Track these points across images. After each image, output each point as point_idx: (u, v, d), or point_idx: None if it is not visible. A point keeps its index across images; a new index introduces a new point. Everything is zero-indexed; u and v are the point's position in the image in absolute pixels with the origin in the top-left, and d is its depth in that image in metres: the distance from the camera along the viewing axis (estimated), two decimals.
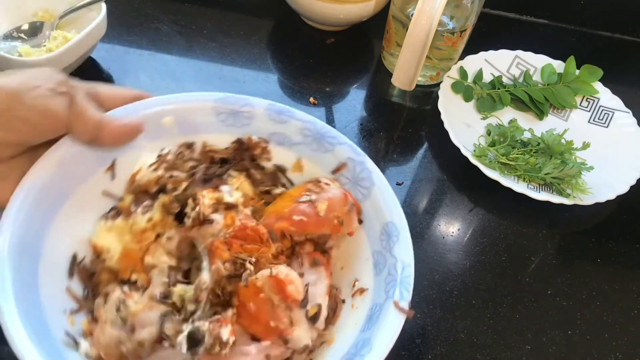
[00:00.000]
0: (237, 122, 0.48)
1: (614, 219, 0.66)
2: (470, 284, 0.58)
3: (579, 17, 0.88)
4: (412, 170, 0.67)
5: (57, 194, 0.42)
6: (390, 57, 0.76)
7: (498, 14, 0.89)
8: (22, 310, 0.36)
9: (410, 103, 0.75)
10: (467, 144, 0.66)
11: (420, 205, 0.64)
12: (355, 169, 0.47)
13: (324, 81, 0.74)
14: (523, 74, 0.76)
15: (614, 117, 0.72)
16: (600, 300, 0.59)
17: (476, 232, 0.63)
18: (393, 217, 0.45)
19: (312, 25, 0.80)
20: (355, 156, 0.47)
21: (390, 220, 0.45)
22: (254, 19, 0.80)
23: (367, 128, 0.70)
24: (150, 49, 0.74)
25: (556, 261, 0.61)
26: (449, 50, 0.72)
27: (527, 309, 0.57)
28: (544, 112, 0.74)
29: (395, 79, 0.66)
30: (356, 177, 0.47)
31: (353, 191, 0.47)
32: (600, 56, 0.80)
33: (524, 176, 0.65)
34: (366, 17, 0.76)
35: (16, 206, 0.39)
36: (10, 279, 0.37)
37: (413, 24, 0.60)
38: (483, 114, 0.72)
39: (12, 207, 0.39)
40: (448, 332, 0.54)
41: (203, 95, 0.48)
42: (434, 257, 0.60)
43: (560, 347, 0.55)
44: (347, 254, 0.47)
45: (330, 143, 0.48)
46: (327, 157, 0.48)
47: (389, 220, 0.45)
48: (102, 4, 0.66)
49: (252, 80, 0.73)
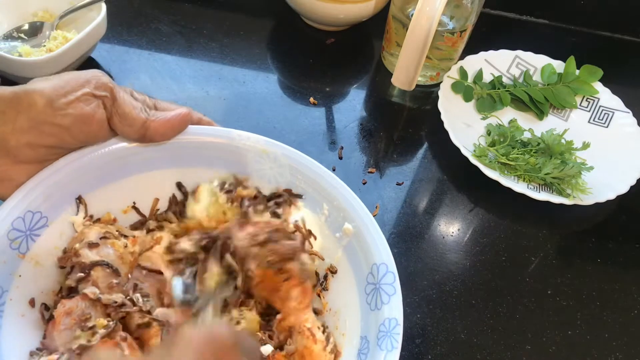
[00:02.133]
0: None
1: (614, 219, 0.66)
2: (470, 284, 0.58)
3: (579, 17, 0.88)
4: (412, 170, 0.67)
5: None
6: (390, 57, 0.76)
7: (498, 14, 0.89)
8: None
9: (410, 103, 0.75)
10: (467, 144, 0.66)
11: (420, 205, 0.64)
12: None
13: (324, 81, 0.74)
14: (523, 74, 0.76)
15: (614, 117, 0.72)
16: (600, 300, 0.59)
17: (476, 232, 0.63)
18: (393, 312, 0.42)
19: (312, 25, 0.80)
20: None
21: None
22: (254, 19, 0.80)
23: (367, 128, 0.70)
24: (150, 49, 0.74)
25: (556, 261, 0.61)
26: (449, 50, 0.72)
27: (527, 309, 0.57)
28: (544, 112, 0.74)
29: (395, 79, 0.66)
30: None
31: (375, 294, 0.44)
32: (600, 56, 0.80)
33: (524, 176, 0.65)
34: (366, 17, 0.76)
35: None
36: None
37: (413, 24, 0.60)
38: (483, 114, 0.72)
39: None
40: (448, 332, 0.54)
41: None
42: (434, 257, 0.60)
43: (560, 347, 0.55)
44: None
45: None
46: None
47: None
48: (102, 4, 0.66)
49: (252, 80, 0.73)
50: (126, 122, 0.43)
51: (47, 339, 0.40)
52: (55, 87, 0.40)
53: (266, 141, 0.47)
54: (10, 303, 0.40)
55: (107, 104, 0.42)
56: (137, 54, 0.73)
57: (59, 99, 0.39)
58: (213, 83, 0.71)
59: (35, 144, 0.40)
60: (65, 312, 0.40)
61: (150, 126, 0.43)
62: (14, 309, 0.40)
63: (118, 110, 0.42)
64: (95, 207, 0.46)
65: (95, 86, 0.41)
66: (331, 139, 0.68)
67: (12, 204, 0.40)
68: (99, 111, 0.41)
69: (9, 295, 0.40)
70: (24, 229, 0.41)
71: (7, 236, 0.40)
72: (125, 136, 0.44)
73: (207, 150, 0.48)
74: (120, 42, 0.74)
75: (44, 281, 0.43)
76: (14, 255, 0.41)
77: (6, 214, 0.40)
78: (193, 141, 0.47)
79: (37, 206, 0.42)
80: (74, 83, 0.41)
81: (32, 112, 0.39)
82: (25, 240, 0.41)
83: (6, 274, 0.40)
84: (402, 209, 0.63)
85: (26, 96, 0.39)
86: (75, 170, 0.43)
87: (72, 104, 0.40)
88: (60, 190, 0.43)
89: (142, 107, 0.44)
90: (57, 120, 0.39)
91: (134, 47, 0.73)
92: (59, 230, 0.44)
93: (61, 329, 0.40)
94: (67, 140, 0.41)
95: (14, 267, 0.41)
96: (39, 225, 0.42)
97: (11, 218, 0.40)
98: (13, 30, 0.67)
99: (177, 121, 0.45)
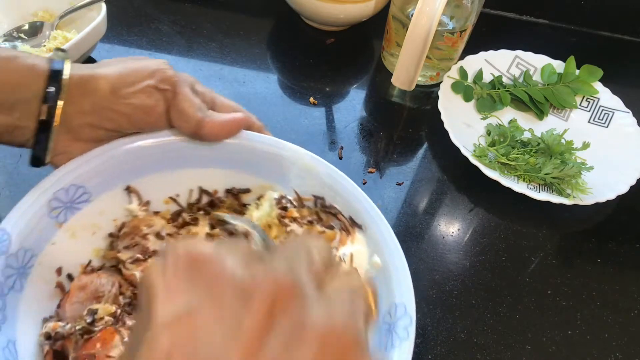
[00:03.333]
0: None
1: (614, 219, 0.66)
2: (470, 284, 0.58)
3: (579, 17, 0.88)
4: (412, 170, 0.67)
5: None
6: (390, 57, 0.76)
7: (498, 14, 0.89)
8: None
9: (410, 103, 0.75)
10: (467, 144, 0.66)
11: (420, 205, 0.64)
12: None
13: (324, 81, 0.74)
14: (523, 74, 0.76)
15: (614, 117, 0.72)
16: (600, 300, 0.59)
17: (476, 232, 0.63)
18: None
19: (312, 25, 0.80)
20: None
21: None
22: (254, 19, 0.80)
23: (367, 128, 0.70)
24: (150, 49, 0.74)
25: (556, 261, 0.61)
26: (449, 50, 0.72)
27: (527, 309, 0.57)
28: (544, 112, 0.74)
29: (395, 79, 0.66)
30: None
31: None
32: (600, 56, 0.80)
33: (524, 176, 0.65)
34: (366, 17, 0.76)
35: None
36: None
37: (413, 24, 0.60)
38: (483, 114, 0.72)
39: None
40: (448, 332, 0.54)
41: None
42: (434, 257, 0.60)
43: (560, 347, 0.55)
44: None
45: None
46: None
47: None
48: (102, 4, 0.66)
49: (252, 80, 0.73)
50: (182, 118, 0.44)
51: (61, 309, 0.42)
52: (121, 75, 0.42)
53: (312, 157, 0.47)
54: (37, 267, 0.41)
55: (168, 97, 0.43)
56: (137, 54, 0.73)
57: (123, 88, 0.41)
58: (213, 83, 0.71)
59: (95, 126, 0.42)
60: (80, 287, 0.42)
61: (205, 126, 0.44)
62: (39, 274, 0.42)
63: (176, 105, 0.43)
64: (142, 193, 0.47)
65: (160, 79, 0.43)
66: (331, 139, 0.68)
67: (59, 175, 0.42)
68: (159, 104, 0.43)
69: (38, 259, 0.41)
70: (66, 200, 0.43)
71: (48, 204, 0.41)
72: (180, 130, 0.45)
73: (254, 157, 0.48)
74: (120, 42, 0.74)
75: (75, 253, 0.44)
76: (52, 223, 0.42)
77: (51, 184, 0.42)
78: (244, 146, 0.47)
79: (83, 181, 0.43)
80: (139, 73, 0.42)
81: (95, 96, 0.41)
82: (65, 211, 0.43)
83: (41, 240, 0.41)
84: (402, 209, 0.63)
85: (92, 80, 0.41)
86: (126, 153, 0.44)
87: (134, 94, 0.42)
88: (109, 170, 0.44)
89: (200, 105, 0.45)
90: (118, 107, 0.41)
91: (134, 47, 0.73)
92: (100, 208, 0.45)
93: (73, 302, 0.42)
94: (125, 126, 0.43)
95: (49, 234, 0.42)
96: (82, 199, 0.44)
97: (55, 188, 0.42)
98: (13, 30, 0.67)
99: (231, 125, 0.46)
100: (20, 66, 0.40)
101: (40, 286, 0.42)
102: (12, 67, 0.39)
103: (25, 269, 0.40)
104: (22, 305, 0.40)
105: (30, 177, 0.57)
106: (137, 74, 0.42)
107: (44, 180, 0.42)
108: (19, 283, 0.40)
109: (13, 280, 0.39)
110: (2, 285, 0.38)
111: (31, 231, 0.40)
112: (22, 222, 0.40)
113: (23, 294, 0.40)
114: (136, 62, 0.43)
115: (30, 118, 0.40)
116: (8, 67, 0.39)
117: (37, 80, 0.40)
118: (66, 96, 0.40)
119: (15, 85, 0.39)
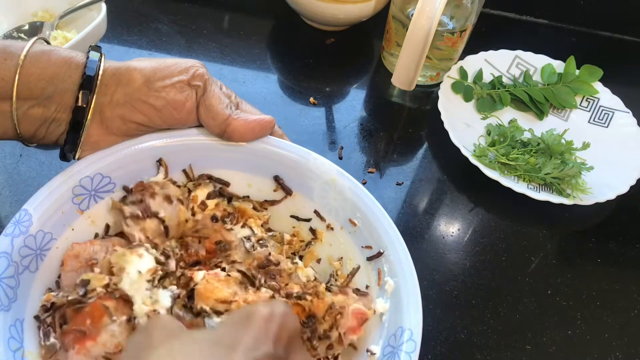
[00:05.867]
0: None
1: (614, 219, 0.66)
2: (470, 284, 0.58)
3: (579, 17, 0.88)
4: (412, 170, 0.67)
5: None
6: (390, 57, 0.76)
7: (498, 14, 0.89)
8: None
9: (410, 103, 0.75)
10: (467, 144, 0.66)
11: (420, 205, 0.64)
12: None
13: (324, 81, 0.74)
14: (523, 74, 0.76)
15: (614, 117, 0.72)
16: (600, 300, 0.59)
17: (476, 232, 0.63)
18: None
19: (312, 25, 0.80)
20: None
21: None
22: (254, 19, 0.80)
23: (367, 128, 0.70)
24: (150, 49, 0.74)
25: (556, 261, 0.61)
26: (449, 50, 0.72)
27: (527, 309, 0.57)
28: (544, 112, 0.74)
29: (395, 79, 0.66)
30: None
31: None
32: (600, 56, 0.80)
33: (524, 176, 0.65)
34: (366, 17, 0.76)
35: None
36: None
37: (413, 24, 0.60)
38: (483, 114, 0.72)
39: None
40: (448, 332, 0.54)
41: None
42: (434, 257, 0.60)
43: (560, 347, 0.55)
44: None
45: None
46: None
47: None
48: (102, 4, 0.66)
49: (252, 80, 0.73)
50: (210, 115, 0.44)
51: (60, 280, 0.42)
52: (155, 68, 0.42)
53: (337, 171, 0.47)
54: (54, 250, 0.42)
55: (199, 94, 0.44)
56: (137, 54, 0.73)
57: (156, 81, 0.42)
58: None
59: (126, 118, 0.43)
60: (73, 255, 0.42)
61: (232, 123, 0.45)
62: (56, 257, 0.42)
63: (206, 102, 0.44)
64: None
65: (193, 76, 0.43)
66: (331, 139, 0.68)
67: (85, 164, 0.43)
68: (190, 100, 0.43)
69: (56, 243, 0.42)
70: (90, 189, 0.43)
71: (72, 190, 0.43)
72: (207, 127, 0.45)
73: (279, 165, 0.48)
74: (120, 42, 0.74)
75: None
76: (73, 209, 0.43)
77: (77, 171, 0.43)
78: (269, 151, 0.47)
79: (109, 172, 0.44)
80: (173, 69, 0.43)
81: (129, 87, 0.41)
82: (88, 199, 0.44)
83: (61, 224, 0.42)
84: (402, 209, 0.63)
85: (127, 72, 0.42)
86: (153, 149, 0.45)
87: (166, 88, 0.42)
88: (136, 164, 0.45)
89: (228, 103, 0.45)
90: (150, 100, 0.42)
91: (134, 47, 0.73)
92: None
93: (67, 271, 0.42)
94: (156, 120, 0.44)
95: (70, 219, 0.43)
96: (106, 189, 0.44)
97: (80, 176, 0.43)
98: (13, 30, 0.67)
99: (258, 126, 0.46)
100: (57, 59, 0.41)
101: (55, 269, 0.42)
102: (49, 60, 0.40)
103: (42, 251, 0.41)
104: (35, 285, 0.41)
105: (30, 177, 0.57)
106: (171, 69, 0.43)
107: (71, 166, 0.43)
108: (34, 264, 0.41)
109: (29, 260, 0.40)
110: (17, 264, 0.39)
111: (52, 214, 0.41)
112: (45, 205, 0.41)
113: (37, 274, 0.41)
114: (171, 59, 0.44)
115: (66, 110, 0.41)
116: (45, 59, 0.40)
117: (73, 72, 0.41)
118: (101, 87, 0.41)
119: (53, 76, 0.40)
